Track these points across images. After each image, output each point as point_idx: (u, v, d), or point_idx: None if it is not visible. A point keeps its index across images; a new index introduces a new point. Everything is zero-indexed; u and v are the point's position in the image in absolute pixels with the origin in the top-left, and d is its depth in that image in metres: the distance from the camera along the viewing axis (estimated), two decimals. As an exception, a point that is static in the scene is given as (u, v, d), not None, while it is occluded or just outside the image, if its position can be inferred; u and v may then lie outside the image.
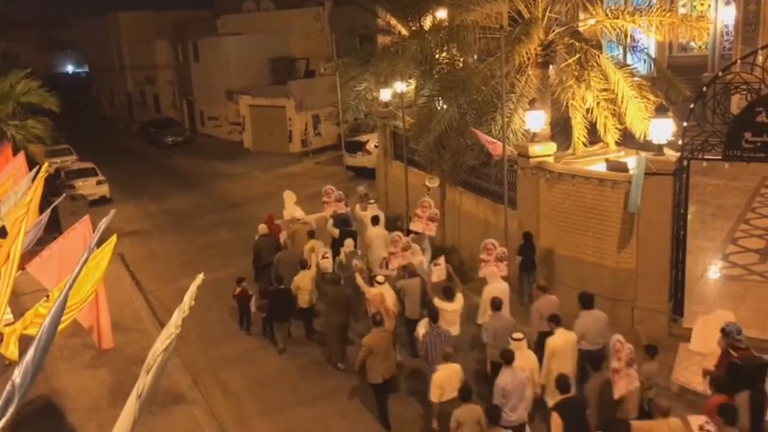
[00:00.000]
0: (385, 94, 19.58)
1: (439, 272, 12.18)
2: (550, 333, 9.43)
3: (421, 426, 10.09)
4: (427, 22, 20.28)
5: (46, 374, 12.14)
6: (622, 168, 12.25)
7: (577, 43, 14.13)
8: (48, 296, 9.65)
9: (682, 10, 20.30)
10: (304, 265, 13.01)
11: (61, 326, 6.31)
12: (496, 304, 10.14)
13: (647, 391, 8.78)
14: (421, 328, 10.45)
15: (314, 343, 13.10)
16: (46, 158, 20.70)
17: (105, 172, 27.29)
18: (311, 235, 14.46)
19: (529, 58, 13.98)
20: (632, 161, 11.95)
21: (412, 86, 18.91)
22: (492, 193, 15.21)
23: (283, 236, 15.44)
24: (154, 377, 5.55)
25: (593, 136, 14.42)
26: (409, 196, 17.61)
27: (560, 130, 14.79)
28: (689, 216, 11.95)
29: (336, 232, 14.99)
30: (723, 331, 8.57)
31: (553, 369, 8.90)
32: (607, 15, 14.30)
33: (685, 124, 11.05)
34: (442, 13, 19.77)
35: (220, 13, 43.26)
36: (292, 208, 16.32)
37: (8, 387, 5.12)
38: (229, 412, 11.27)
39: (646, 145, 12.40)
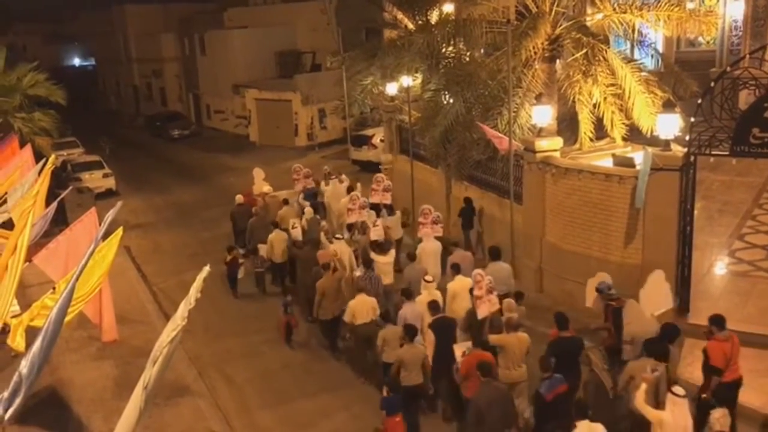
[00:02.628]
0: (391, 88, 19.56)
1: (377, 232, 13.91)
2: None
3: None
4: (434, 16, 20.24)
5: (53, 366, 12.20)
6: (629, 163, 12.22)
7: (584, 38, 14.07)
8: (54, 288, 9.72)
9: (690, 5, 20.11)
10: (276, 225, 15.37)
11: (67, 318, 6.34)
12: (410, 256, 12.63)
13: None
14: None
15: (316, 332, 13.18)
16: (53, 151, 20.73)
17: (111, 165, 27.36)
18: (285, 202, 17.00)
19: (536, 53, 13.94)
20: (639, 156, 11.91)
21: (419, 80, 18.88)
22: (498, 188, 15.19)
23: (257, 205, 17.54)
24: (160, 369, 5.58)
25: (600, 131, 14.37)
26: (415, 190, 17.61)
27: (567, 125, 14.75)
28: (696, 212, 11.90)
29: (306, 204, 16.99)
30: (597, 289, 10.08)
31: (454, 308, 10.92)
32: (614, 9, 14.24)
33: (692, 119, 10.99)
34: (448, 7, 19.74)
35: (227, 6, 43.20)
36: (260, 184, 18.91)
37: (15, 378, 5.16)
38: (233, 404, 11.32)
39: (653, 141, 12.35)
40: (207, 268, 6.12)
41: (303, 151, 32.03)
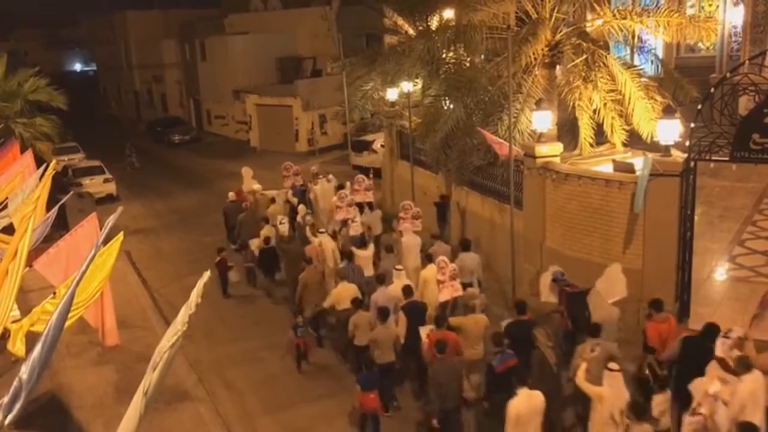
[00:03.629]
0: (391, 94, 19.61)
1: (355, 228, 15.02)
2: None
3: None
4: (434, 22, 20.31)
5: (53, 371, 12.20)
6: (629, 169, 12.22)
7: (584, 44, 14.11)
8: (55, 293, 9.71)
9: (690, 11, 20.20)
10: (267, 221, 16.26)
11: (67, 323, 6.34)
12: (387, 248, 13.49)
13: None
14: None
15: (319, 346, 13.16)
16: (54, 156, 20.76)
17: (112, 171, 27.38)
18: (273, 201, 18.07)
19: (536, 59, 13.97)
20: (639, 162, 11.92)
21: (419, 86, 18.92)
22: (498, 193, 15.20)
23: (247, 202, 18.56)
24: (160, 374, 5.57)
25: (600, 136, 14.39)
26: (416, 196, 17.62)
27: (567, 131, 14.77)
28: (696, 217, 11.90)
29: (295, 201, 18.22)
30: (552, 279, 11.01)
31: (425, 293, 11.67)
32: (614, 15, 14.27)
33: (692, 125, 11.02)
34: (449, 13, 19.80)
35: (228, 12, 43.37)
36: (249, 182, 19.98)
37: (15, 383, 5.16)
38: (233, 409, 11.30)
39: (653, 146, 12.37)
40: (208, 273, 6.11)
41: (304, 157, 32.03)
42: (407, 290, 11.08)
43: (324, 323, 13.14)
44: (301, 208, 17.08)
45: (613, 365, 8.00)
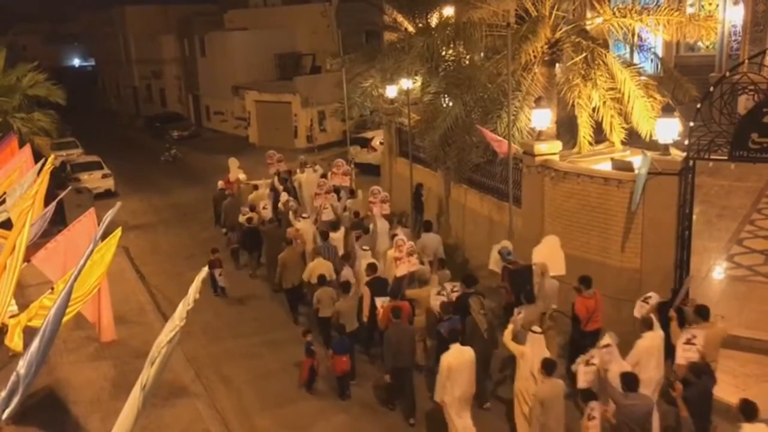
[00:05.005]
0: (390, 91, 19.58)
1: (328, 213, 15.99)
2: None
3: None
4: (434, 19, 20.25)
5: (50, 366, 12.19)
6: (628, 167, 12.22)
7: (584, 42, 14.08)
8: (53, 288, 9.70)
9: (690, 10, 20.20)
10: (253, 208, 17.32)
11: (65, 318, 6.33)
12: (365, 230, 14.65)
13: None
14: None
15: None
16: (52, 151, 20.73)
17: (110, 166, 27.34)
18: (255, 188, 19.59)
19: (535, 56, 13.95)
20: (638, 161, 11.92)
21: (418, 83, 18.90)
22: (497, 191, 15.20)
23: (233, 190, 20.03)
24: (157, 370, 5.57)
25: (599, 135, 14.37)
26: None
27: (566, 129, 14.76)
28: (694, 216, 11.92)
29: (280, 187, 19.32)
30: (498, 252, 11.94)
31: (389, 271, 12.55)
32: (614, 14, 14.25)
33: (691, 124, 11.00)
34: (448, 10, 19.74)
35: (227, 8, 43.26)
36: (236, 171, 21.23)
37: (13, 378, 5.16)
38: (231, 405, 11.31)
39: (652, 145, 12.36)
40: (206, 269, 6.12)
41: (302, 153, 31.98)
42: (371, 267, 12.20)
43: (302, 299, 14.11)
44: (284, 194, 18.30)
45: (535, 328, 9.08)
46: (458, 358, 9.06)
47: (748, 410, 7.38)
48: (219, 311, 14.76)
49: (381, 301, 11.37)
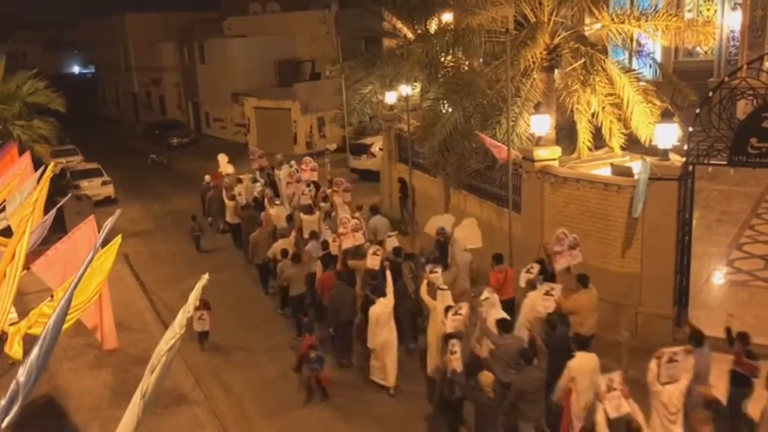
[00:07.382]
0: (390, 97, 19.61)
1: (305, 198, 17.44)
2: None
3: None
4: (433, 26, 20.31)
5: (50, 374, 12.16)
6: (627, 173, 12.23)
7: (582, 48, 14.12)
8: (52, 296, 9.67)
9: (688, 15, 20.28)
10: (233, 198, 19.40)
11: (65, 326, 6.31)
12: (327, 215, 16.28)
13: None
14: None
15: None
16: (52, 158, 20.75)
17: (110, 173, 27.35)
18: (239, 180, 20.86)
19: (534, 62, 13.98)
20: (637, 166, 11.93)
21: (417, 89, 18.93)
22: (496, 197, 15.20)
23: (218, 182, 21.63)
24: (157, 377, 5.55)
25: (598, 140, 14.40)
26: (415, 199, 17.63)
27: (565, 135, 14.79)
28: (694, 221, 11.92)
29: (262, 182, 20.81)
30: (437, 232, 13.66)
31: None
32: (612, 19, 14.28)
33: (690, 129, 11.03)
34: (447, 17, 19.81)
35: (226, 15, 43.36)
36: (225, 166, 23.08)
37: (12, 386, 5.13)
38: (231, 413, 11.27)
39: (651, 150, 12.38)
40: (206, 277, 6.11)
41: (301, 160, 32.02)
42: (323, 244, 14.18)
43: (270, 273, 15.57)
44: (259, 183, 20.44)
45: (443, 286, 10.98)
46: (383, 309, 11.12)
47: (696, 337, 8.79)
48: (219, 319, 14.68)
49: (320, 271, 13.29)
